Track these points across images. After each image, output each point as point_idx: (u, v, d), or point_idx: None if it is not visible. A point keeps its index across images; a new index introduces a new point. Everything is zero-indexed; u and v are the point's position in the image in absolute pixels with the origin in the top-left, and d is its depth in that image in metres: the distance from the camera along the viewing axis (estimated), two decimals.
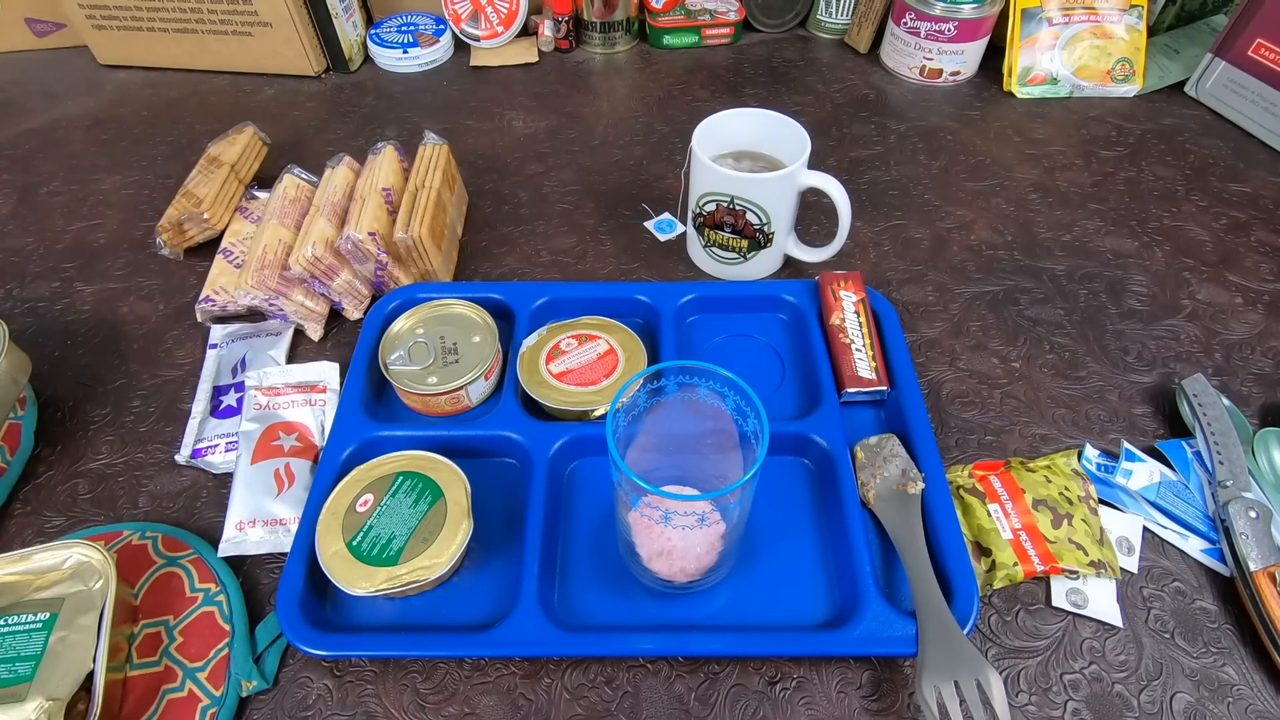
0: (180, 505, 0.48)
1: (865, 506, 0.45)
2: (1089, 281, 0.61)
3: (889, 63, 0.84)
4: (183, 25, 0.82)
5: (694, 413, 0.37)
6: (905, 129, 0.76)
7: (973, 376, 0.54)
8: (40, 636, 0.38)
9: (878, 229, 0.65)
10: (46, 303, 0.61)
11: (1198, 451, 0.48)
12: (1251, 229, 0.65)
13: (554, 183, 0.71)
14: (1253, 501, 0.44)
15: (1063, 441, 0.50)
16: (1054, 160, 0.72)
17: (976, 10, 0.75)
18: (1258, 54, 0.72)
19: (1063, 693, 0.40)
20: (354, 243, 0.54)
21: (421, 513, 0.42)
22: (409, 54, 0.84)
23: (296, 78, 0.85)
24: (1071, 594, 0.43)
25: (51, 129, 0.79)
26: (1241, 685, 0.40)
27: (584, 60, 0.87)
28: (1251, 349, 0.56)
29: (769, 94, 0.81)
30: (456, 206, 0.64)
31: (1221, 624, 0.42)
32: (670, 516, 0.34)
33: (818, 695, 0.40)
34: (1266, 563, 0.42)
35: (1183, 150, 0.72)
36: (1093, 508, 0.45)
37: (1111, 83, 0.79)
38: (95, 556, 0.40)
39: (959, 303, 0.59)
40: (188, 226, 0.62)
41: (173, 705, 0.39)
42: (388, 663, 0.41)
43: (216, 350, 0.56)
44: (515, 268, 0.63)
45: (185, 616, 0.42)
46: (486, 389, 0.52)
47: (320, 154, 0.74)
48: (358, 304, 0.58)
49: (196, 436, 0.51)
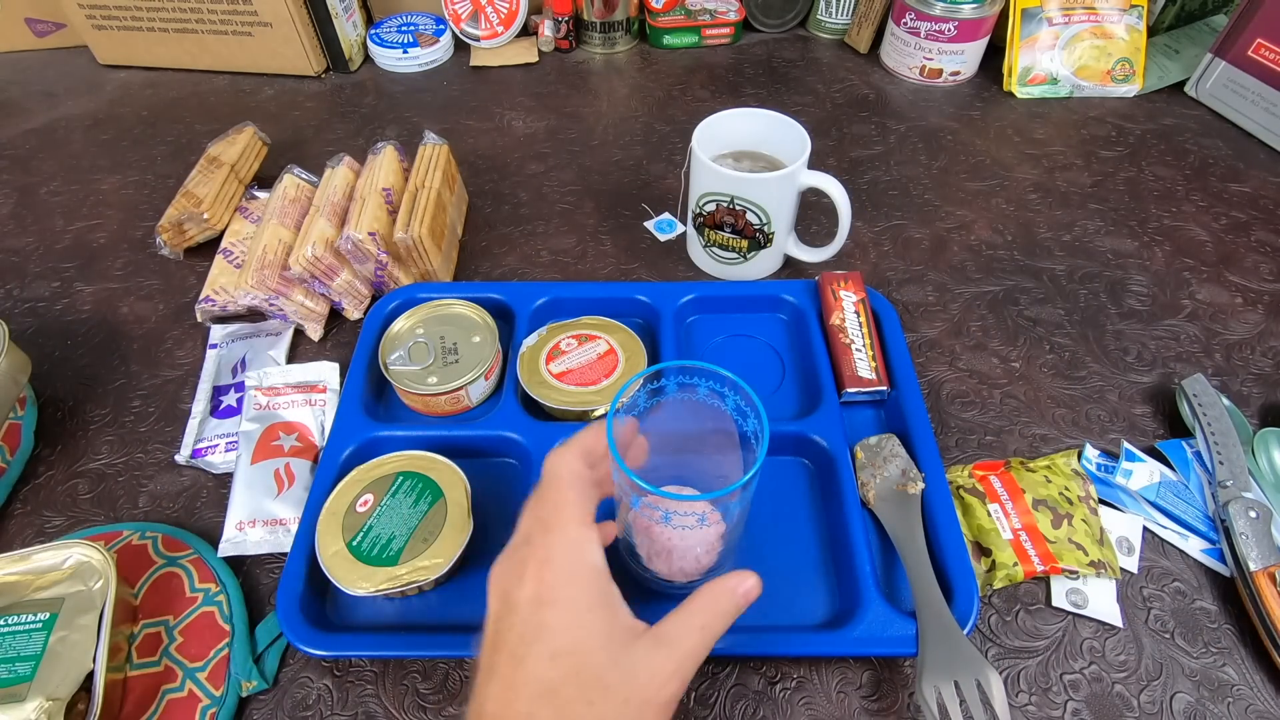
0: (180, 505, 0.48)
1: (865, 506, 0.45)
2: (1089, 281, 0.61)
3: (889, 63, 0.84)
4: (183, 25, 0.82)
5: (694, 413, 0.37)
6: (905, 129, 0.76)
7: (973, 376, 0.54)
8: (40, 636, 0.38)
9: (878, 229, 0.65)
10: (46, 303, 0.61)
11: (1198, 451, 0.48)
12: (1251, 229, 0.65)
13: (554, 183, 0.71)
14: (1253, 501, 0.44)
15: (1063, 441, 0.50)
16: (1054, 160, 0.72)
17: (976, 10, 0.75)
18: (1258, 54, 0.72)
19: (1063, 693, 0.40)
20: (354, 243, 0.54)
21: (421, 513, 0.42)
22: (409, 54, 0.84)
23: (296, 78, 0.85)
24: (1071, 594, 0.43)
25: (51, 129, 0.79)
26: (1241, 685, 0.40)
27: (584, 60, 0.87)
28: (1251, 349, 0.56)
29: (769, 94, 0.81)
30: (456, 206, 0.64)
31: (1221, 624, 0.42)
32: (670, 516, 0.34)
33: (818, 695, 0.40)
34: (1266, 563, 0.42)
35: (1183, 150, 0.72)
36: (1093, 508, 0.45)
37: (1111, 83, 0.79)
38: (95, 556, 0.40)
39: (959, 303, 0.59)
40: (188, 226, 0.62)
41: (173, 705, 0.39)
42: (388, 663, 0.41)
43: (216, 350, 0.56)
44: (515, 268, 0.63)
45: (185, 616, 0.42)
46: (486, 389, 0.52)
47: (320, 154, 0.74)
48: (358, 304, 0.58)
49: (196, 436, 0.51)
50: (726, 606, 0.31)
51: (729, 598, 0.31)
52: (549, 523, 0.31)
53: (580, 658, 0.28)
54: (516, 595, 0.29)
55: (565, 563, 0.30)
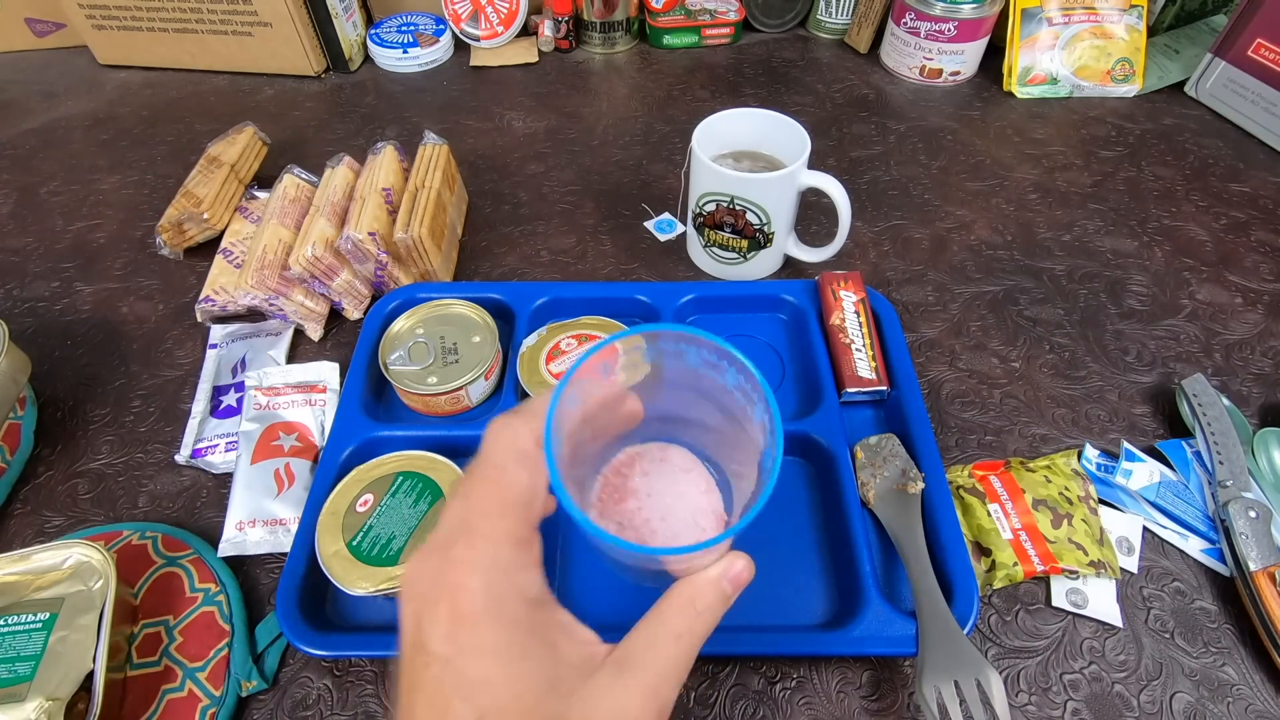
0: (180, 505, 0.48)
1: (865, 506, 0.45)
2: (1089, 281, 0.61)
3: (889, 63, 0.84)
4: (183, 25, 0.82)
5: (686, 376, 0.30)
6: (905, 129, 0.76)
7: (973, 376, 0.54)
8: (40, 636, 0.38)
9: (878, 229, 0.65)
10: (46, 303, 0.61)
11: (1198, 451, 0.48)
12: (1251, 229, 0.65)
13: (554, 183, 0.71)
14: (1253, 501, 0.44)
15: (1063, 441, 0.50)
16: (1054, 160, 0.72)
17: (976, 10, 0.75)
18: (1258, 54, 0.72)
19: (1063, 693, 0.40)
20: (354, 243, 0.54)
21: (421, 513, 0.42)
22: (409, 54, 0.84)
23: (296, 78, 0.85)
24: (1071, 594, 0.43)
25: (51, 129, 0.79)
26: (1241, 685, 0.40)
27: (584, 60, 0.87)
28: (1251, 349, 0.56)
29: (769, 94, 0.81)
30: (456, 206, 0.64)
31: (1221, 624, 0.42)
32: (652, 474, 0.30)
33: (818, 695, 0.40)
34: (1266, 563, 0.42)
35: (1183, 150, 0.72)
36: (1093, 508, 0.45)
37: (1111, 83, 0.79)
38: (95, 556, 0.40)
39: (959, 303, 0.59)
40: (188, 226, 0.62)
41: (173, 705, 0.39)
42: (388, 663, 0.41)
43: (216, 350, 0.56)
44: (515, 268, 0.63)
45: (185, 616, 0.42)
46: (486, 389, 0.52)
47: (320, 154, 0.74)
48: (358, 304, 0.58)
49: (196, 436, 0.51)
50: (710, 601, 0.25)
51: (712, 591, 0.25)
52: (475, 527, 0.24)
53: (516, 717, 0.22)
54: (429, 631, 0.23)
55: (489, 596, 0.23)
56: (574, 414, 0.26)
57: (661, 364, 0.28)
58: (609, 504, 0.31)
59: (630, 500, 0.31)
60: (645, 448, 0.31)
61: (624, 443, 0.30)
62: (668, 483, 0.31)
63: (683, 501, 0.31)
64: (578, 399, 0.26)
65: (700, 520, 0.31)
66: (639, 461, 0.32)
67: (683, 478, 0.31)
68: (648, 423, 0.29)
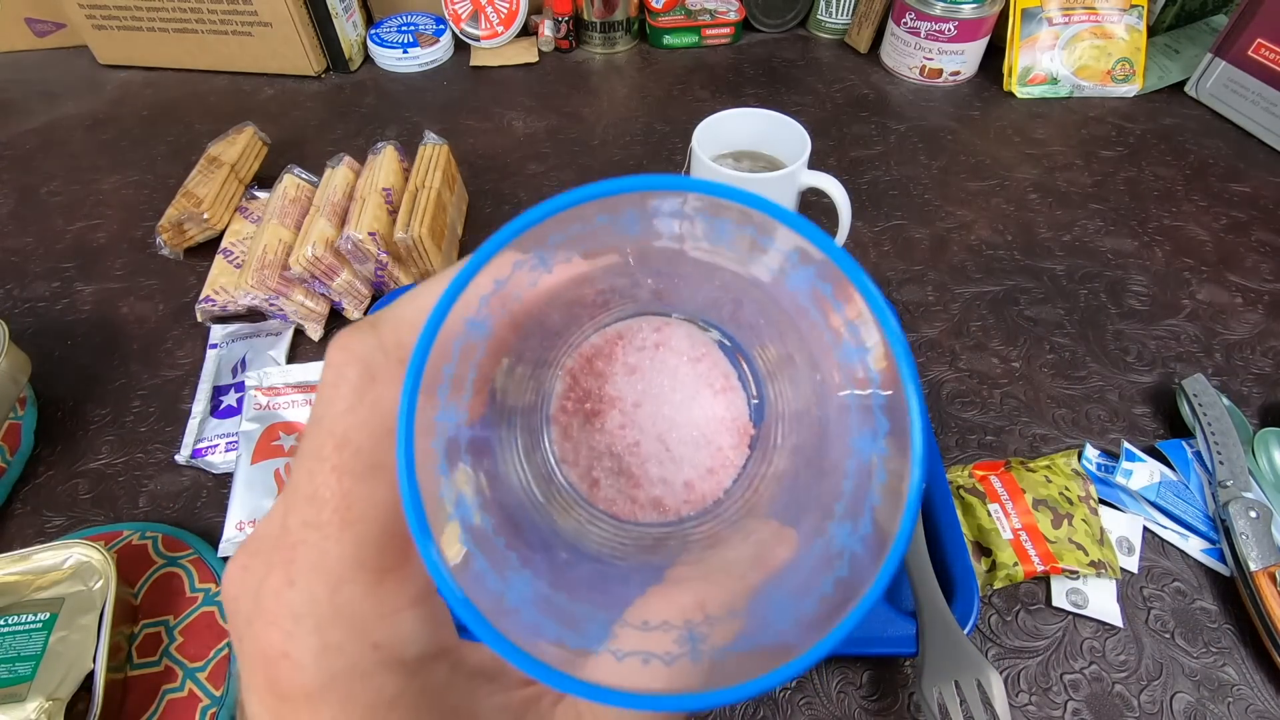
0: (180, 505, 0.48)
1: None
2: (1089, 281, 0.61)
3: (889, 63, 0.84)
4: (183, 25, 0.82)
5: None
6: (905, 129, 0.76)
7: (973, 376, 0.54)
8: (40, 636, 0.38)
9: (878, 229, 0.65)
10: (46, 303, 0.61)
11: (1198, 451, 0.48)
12: (1251, 229, 0.65)
13: (554, 183, 0.71)
14: (1253, 501, 0.44)
15: (1063, 441, 0.50)
16: (1054, 160, 0.72)
17: (976, 10, 0.75)
18: (1258, 54, 0.72)
19: (1063, 693, 0.40)
20: (354, 243, 0.54)
21: None
22: (409, 54, 0.84)
23: (296, 78, 0.85)
24: (1071, 594, 0.43)
25: (51, 129, 0.79)
26: (1241, 685, 0.40)
27: (584, 60, 0.87)
28: (1251, 349, 0.56)
29: (769, 94, 0.81)
30: (456, 206, 0.64)
31: (1221, 624, 0.42)
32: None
33: (818, 695, 0.40)
34: (1266, 563, 0.42)
35: (1183, 150, 0.72)
36: (1093, 508, 0.45)
37: (1111, 83, 0.79)
38: (95, 556, 0.40)
39: (959, 303, 0.59)
40: (188, 226, 0.62)
41: (173, 705, 0.39)
42: None
43: (216, 350, 0.56)
44: None
45: (185, 616, 0.42)
46: None
47: (320, 154, 0.74)
48: (358, 304, 0.58)
49: (196, 436, 0.51)
50: None
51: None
52: (295, 545, 0.14)
53: None
54: (248, 696, 0.14)
55: (326, 672, 0.13)
56: (488, 342, 0.14)
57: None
58: (574, 423, 0.20)
59: (609, 414, 0.20)
60: (631, 325, 0.20)
61: (597, 317, 0.20)
62: (667, 381, 0.20)
63: (689, 409, 0.20)
64: (488, 323, 0.14)
65: (716, 438, 0.20)
66: (622, 349, 0.20)
67: (688, 372, 0.20)
68: (634, 283, 0.19)
